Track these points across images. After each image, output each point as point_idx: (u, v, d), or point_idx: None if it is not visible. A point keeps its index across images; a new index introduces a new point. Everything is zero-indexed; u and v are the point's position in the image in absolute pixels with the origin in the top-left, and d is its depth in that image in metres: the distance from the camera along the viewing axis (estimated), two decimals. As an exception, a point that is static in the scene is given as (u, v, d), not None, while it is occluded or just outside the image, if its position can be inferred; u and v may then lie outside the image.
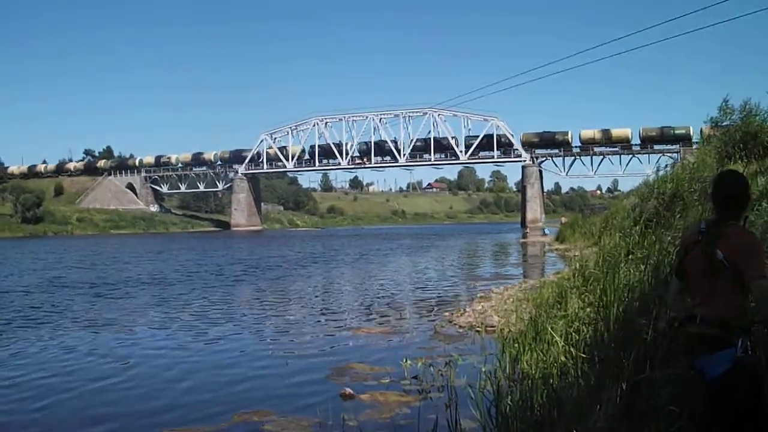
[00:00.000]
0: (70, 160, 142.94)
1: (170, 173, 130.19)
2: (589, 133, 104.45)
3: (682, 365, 4.24)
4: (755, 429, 3.64)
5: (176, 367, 11.20)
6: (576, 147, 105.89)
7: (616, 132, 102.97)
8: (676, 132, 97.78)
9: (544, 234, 63.96)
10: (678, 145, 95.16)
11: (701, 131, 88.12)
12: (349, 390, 8.92)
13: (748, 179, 4.13)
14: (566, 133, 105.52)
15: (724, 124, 19.06)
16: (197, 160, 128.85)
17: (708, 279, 3.75)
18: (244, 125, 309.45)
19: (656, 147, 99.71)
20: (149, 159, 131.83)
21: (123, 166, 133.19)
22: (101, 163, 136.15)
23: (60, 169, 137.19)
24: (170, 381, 10.24)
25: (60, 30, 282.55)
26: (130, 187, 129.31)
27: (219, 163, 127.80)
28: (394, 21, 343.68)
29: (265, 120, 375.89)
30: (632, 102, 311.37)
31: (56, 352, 12.57)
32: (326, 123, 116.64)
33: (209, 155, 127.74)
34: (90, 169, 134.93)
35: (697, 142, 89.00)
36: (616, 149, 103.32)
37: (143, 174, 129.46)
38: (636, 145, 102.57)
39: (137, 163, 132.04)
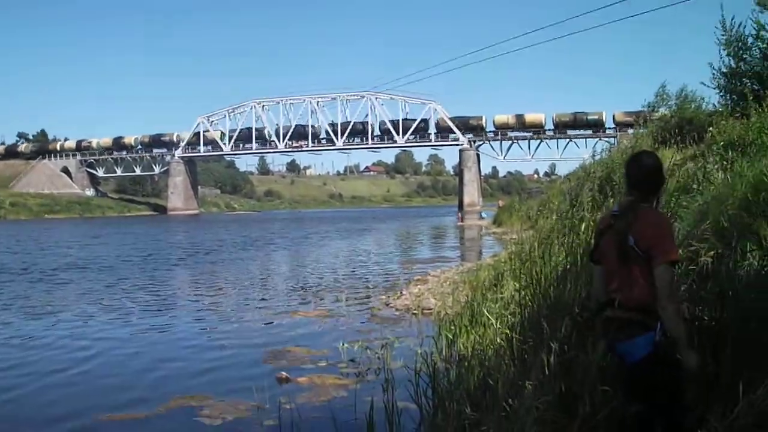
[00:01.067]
0: (2, 144, 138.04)
1: (105, 157, 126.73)
2: (503, 118, 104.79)
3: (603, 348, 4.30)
4: (673, 411, 3.72)
5: (111, 353, 10.95)
6: (490, 132, 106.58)
7: (530, 117, 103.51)
8: (589, 118, 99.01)
9: (482, 217, 64.53)
10: (591, 131, 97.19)
11: (614, 117, 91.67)
12: (285, 374, 8.89)
13: (662, 161, 4.12)
14: (480, 118, 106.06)
15: (660, 109, 19.57)
16: (117, 144, 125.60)
17: (623, 264, 3.75)
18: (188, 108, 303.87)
19: (569, 132, 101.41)
20: (70, 143, 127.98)
21: (44, 150, 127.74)
22: (22, 147, 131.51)
23: None
24: (105, 367, 10.02)
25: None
26: (65, 170, 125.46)
27: (139, 147, 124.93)
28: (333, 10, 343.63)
29: (200, 105, 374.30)
30: (548, 88, 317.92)
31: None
32: (263, 106, 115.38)
33: (129, 139, 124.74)
34: (11, 153, 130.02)
35: (610, 128, 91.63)
36: (530, 134, 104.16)
37: (78, 158, 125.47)
38: (549, 129, 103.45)
39: (58, 147, 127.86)
